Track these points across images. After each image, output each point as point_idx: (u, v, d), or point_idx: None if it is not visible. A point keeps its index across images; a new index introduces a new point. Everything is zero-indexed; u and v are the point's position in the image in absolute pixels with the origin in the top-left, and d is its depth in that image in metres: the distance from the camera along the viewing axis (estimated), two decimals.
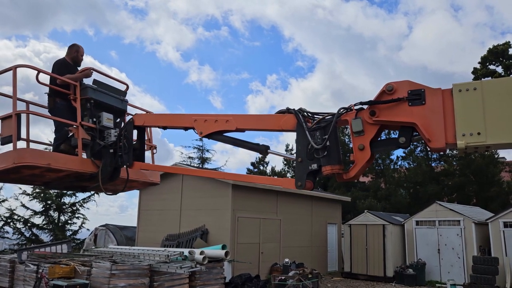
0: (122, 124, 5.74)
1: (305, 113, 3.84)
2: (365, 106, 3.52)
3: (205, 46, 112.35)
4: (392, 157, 28.86)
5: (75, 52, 6.26)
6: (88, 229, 22.30)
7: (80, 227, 22.96)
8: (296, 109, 3.89)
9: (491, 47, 26.05)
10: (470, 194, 25.15)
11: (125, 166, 5.14)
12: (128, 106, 6.12)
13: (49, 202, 21.99)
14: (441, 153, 25.33)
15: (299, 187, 3.76)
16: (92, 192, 23.03)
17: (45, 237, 21.86)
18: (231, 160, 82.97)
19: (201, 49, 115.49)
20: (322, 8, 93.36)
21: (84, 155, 5.37)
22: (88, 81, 5.79)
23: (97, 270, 8.13)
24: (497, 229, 15.36)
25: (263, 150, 4.16)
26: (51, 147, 6.09)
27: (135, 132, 5.34)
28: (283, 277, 12.86)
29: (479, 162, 24.38)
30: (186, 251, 9.47)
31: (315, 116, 3.81)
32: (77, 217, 23.08)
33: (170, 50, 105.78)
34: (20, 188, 21.57)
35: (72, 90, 5.49)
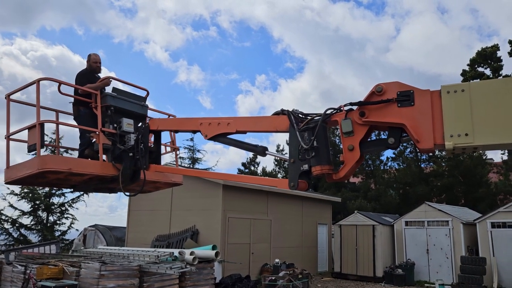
0: None
1: (298, 114, 3.87)
2: (354, 107, 3.55)
3: (194, 46, 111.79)
4: (382, 158, 29.08)
5: (88, 62, 6.71)
6: (77, 230, 22.12)
7: (69, 228, 22.77)
8: (290, 110, 3.94)
9: (480, 49, 26.37)
10: (459, 195, 25.41)
11: (142, 168, 5.41)
12: (152, 111, 6.44)
13: (37, 202, 21.76)
14: (430, 154, 25.59)
15: (292, 187, 3.81)
16: (81, 193, 22.88)
17: (33, 237, 21.64)
18: (222, 160, 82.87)
19: (190, 49, 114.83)
20: (310, 9, 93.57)
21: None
22: (109, 89, 6.09)
23: (86, 271, 8.07)
24: (484, 230, 15.55)
25: (261, 151, 4.32)
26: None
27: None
28: (273, 278, 12.88)
29: (467, 163, 24.65)
30: (176, 252, 9.45)
31: (307, 117, 3.84)
32: (66, 218, 22.89)
33: (158, 50, 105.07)
34: (8, 188, 21.36)
35: (93, 99, 5.84)
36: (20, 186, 20.62)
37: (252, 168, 34.72)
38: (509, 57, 25.29)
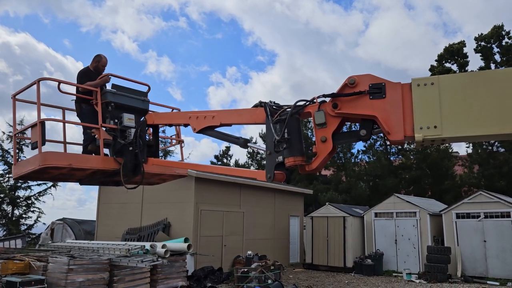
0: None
1: (273, 106, 3.88)
2: (327, 99, 3.57)
3: (163, 37, 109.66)
4: (353, 151, 29.61)
5: (96, 62, 6.78)
6: (44, 223, 21.57)
7: (35, 221, 22.20)
8: (266, 102, 3.96)
9: (447, 45, 27.06)
10: (426, 187, 26.20)
11: (141, 162, 5.57)
12: (156, 105, 6.65)
13: (1, 195, 21.04)
14: (399, 147, 26.22)
15: (269, 179, 3.86)
16: (49, 185, 22.27)
17: None
18: (193, 153, 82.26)
19: (160, 40, 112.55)
20: (279, 2, 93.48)
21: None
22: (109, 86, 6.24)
23: (53, 266, 7.88)
24: (449, 220, 16.10)
25: (243, 143, 4.45)
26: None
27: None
28: (245, 269, 12.93)
29: (434, 156, 25.42)
30: (147, 245, 9.35)
31: (281, 108, 3.85)
32: (33, 211, 22.27)
33: (126, 40, 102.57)
34: None
35: (94, 96, 6.03)
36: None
37: (225, 160, 34.66)
38: (474, 53, 26.12)
